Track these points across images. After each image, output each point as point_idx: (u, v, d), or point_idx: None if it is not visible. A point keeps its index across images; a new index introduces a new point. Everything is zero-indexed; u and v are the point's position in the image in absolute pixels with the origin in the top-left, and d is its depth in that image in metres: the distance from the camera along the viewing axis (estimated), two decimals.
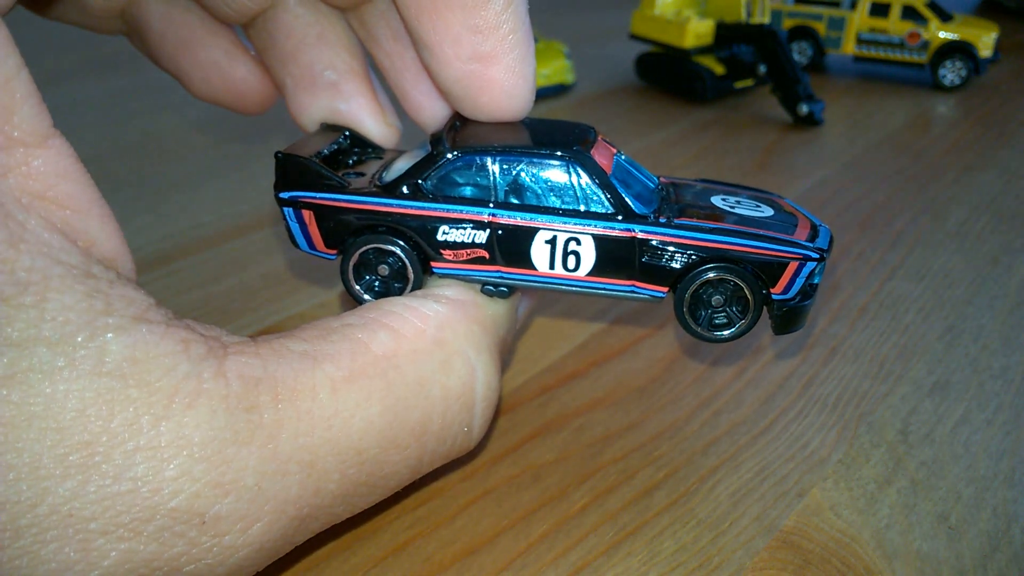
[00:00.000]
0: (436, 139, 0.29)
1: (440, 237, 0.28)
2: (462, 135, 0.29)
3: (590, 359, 0.38)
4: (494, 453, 0.32)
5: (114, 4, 0.32)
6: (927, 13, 0.83)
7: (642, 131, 0.71)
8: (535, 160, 0.28)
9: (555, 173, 0.28)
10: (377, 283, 0.29)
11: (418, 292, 0.28)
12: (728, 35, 0.76)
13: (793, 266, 0.29)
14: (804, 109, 0.70)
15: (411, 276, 0.29)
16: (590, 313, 0.42)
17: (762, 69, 0.75)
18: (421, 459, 0.25)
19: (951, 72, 0.82)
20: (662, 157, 0.64)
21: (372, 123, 0.33)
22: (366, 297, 0.29)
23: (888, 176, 0.61)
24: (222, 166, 0.62)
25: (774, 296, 0.29)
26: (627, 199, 0.28)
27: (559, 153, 0.28)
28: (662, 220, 0.28)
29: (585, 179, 0.28)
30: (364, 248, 0.29)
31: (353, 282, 0.30)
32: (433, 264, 0.29)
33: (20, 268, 0.18)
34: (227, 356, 0.21)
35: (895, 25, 0.84)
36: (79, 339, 0.18)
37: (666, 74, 0.80)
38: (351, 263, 0.29)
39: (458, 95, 0.29)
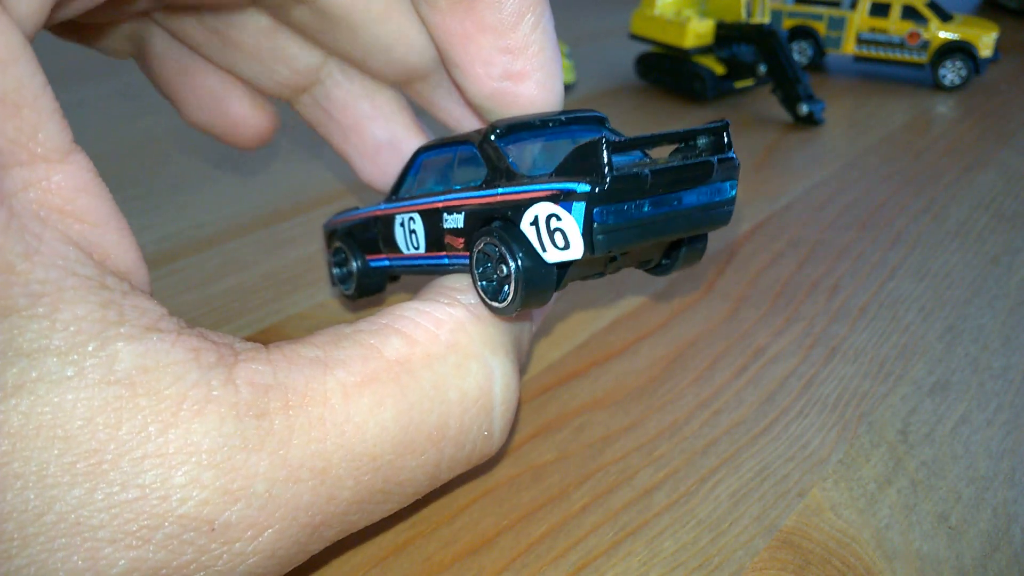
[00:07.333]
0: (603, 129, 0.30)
1: None
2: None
3: (590, 359, 0.38)
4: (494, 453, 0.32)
5: (124, 27, 0.32)
6: (927, 13, 0.83)
7: (642, 131, 0.70)
8: None
9: None
10: None
11: (430, 295, 0.27)
12: (728, 35, 0.76)
13: None
14: (804, 109, 0.70)
15: None
16: (590, 313, 0.42)
17: (762, 69, 0.75)
18: (439, 465, 0.24)
19: (951, 72, 0.82)
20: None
21: None
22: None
23: (888, 176, 0.61)
24: (222, 166, 0.62)
25: None
26: None
27: None
28: None
29: None
30: None
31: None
32: None
33: (34, 280, 0.18)
34: (237, 363, 0.21)
35: (895, 25, 0.84)
36: (89, 348, 0.18)
37: (666, 74, 0.80)
38: None
39: (489, 110, 0.29)
